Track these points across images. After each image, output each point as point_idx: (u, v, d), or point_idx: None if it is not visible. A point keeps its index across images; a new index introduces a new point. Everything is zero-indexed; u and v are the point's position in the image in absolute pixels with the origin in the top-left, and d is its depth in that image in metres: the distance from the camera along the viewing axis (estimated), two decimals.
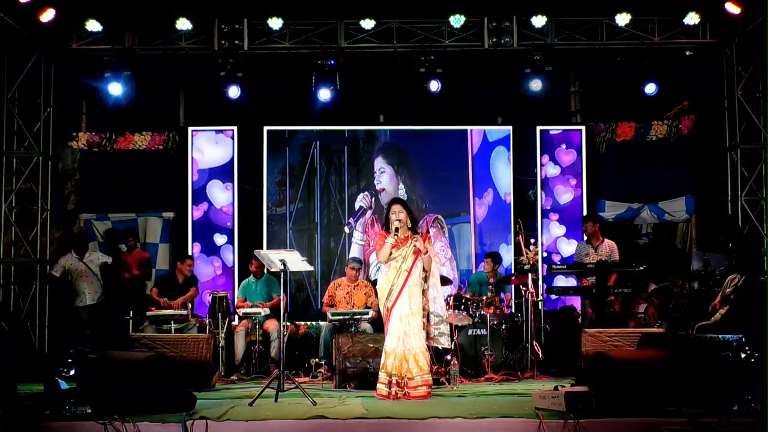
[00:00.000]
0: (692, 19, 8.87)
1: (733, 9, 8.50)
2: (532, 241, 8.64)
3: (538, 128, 10.24)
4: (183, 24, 8.93)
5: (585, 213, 9.93)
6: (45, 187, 9.35)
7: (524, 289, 8.41)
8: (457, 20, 8.97)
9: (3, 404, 5.16)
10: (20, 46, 8.92)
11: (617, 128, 10.35)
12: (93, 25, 8.90)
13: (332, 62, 9.15)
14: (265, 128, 10.19)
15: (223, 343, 8.24)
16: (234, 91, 9.25)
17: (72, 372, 5.55)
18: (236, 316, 8.81)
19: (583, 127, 10.32)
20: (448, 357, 7.31)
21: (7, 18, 8.39)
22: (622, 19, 8.95)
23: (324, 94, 9.24)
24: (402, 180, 10.23)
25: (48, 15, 8.52)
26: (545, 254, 10.01)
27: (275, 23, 8.97)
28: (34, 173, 9.25)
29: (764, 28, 8.14)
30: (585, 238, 8.95)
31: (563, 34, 9.23)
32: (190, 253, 9.70)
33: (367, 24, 9.03)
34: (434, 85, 9.18)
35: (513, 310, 8.89)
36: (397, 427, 5.20)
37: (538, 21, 8.98)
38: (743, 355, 5.38)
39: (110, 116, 10.27)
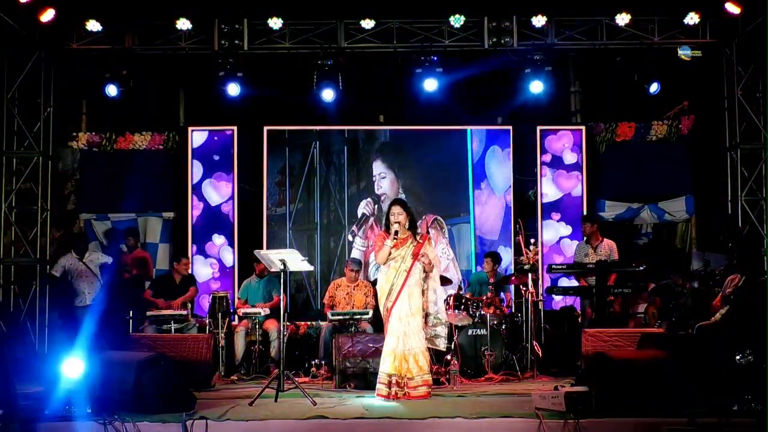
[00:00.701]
0: (692, 19, 8.86)
1: (733, 9, 8.50)
2: (532, 241, 8.63)
3: (538, 128, 10.24)
4: (183, 24, 8.92)
5: (584, 213, 9.93)
6: (45, 187, 9.34)
7: (524, 289, 8.41)
8: (457, 20, 8.96)
9: (3, 404, 5.15)
10: (20, 46, 8.91)
11: (617, 128, 10.35)
12: (93, 25, 8.89)
13: (332, 62, 9.15)
14: (265, 128, 10.18)
15: (223, 343, 8.24)
16: (233, 89, 9.23)
17: (72, 372, 5.53)
18: (236, 316, 8.81)
19: (583, 127, 10.32)
20: (448, 357, 7.32)
21: (7, 18, 8.38)
22: (622, 19, 8.94)
23: (327, 95, 9.22)
24: (402, 183, 10.20)
25: (48, 15, 8.51)
26: (555, 256, 10.02)
27: (275, 23, 8.96)
28: (34, 173, 9.23)
29: (764, 28, 8.12)
30: (584, 238, 8.95)
31: (563, 34, 9.22)
32: (188, 253, 9.70)
33: (367, 24, 9.02)
34: (433, 85, 9.18)
35: (513, 310, 8.88)
36: (397, 427, 5.21)
37: (538, 21, 8.97)
38: (742, 355, 5.38)
39: (110, 116, 10.29)
